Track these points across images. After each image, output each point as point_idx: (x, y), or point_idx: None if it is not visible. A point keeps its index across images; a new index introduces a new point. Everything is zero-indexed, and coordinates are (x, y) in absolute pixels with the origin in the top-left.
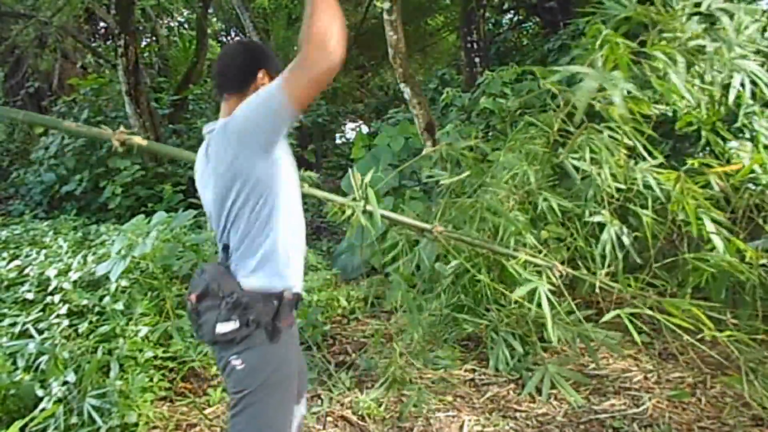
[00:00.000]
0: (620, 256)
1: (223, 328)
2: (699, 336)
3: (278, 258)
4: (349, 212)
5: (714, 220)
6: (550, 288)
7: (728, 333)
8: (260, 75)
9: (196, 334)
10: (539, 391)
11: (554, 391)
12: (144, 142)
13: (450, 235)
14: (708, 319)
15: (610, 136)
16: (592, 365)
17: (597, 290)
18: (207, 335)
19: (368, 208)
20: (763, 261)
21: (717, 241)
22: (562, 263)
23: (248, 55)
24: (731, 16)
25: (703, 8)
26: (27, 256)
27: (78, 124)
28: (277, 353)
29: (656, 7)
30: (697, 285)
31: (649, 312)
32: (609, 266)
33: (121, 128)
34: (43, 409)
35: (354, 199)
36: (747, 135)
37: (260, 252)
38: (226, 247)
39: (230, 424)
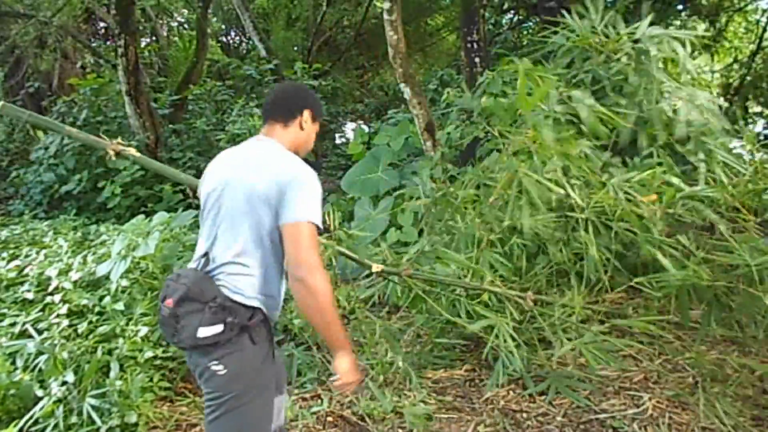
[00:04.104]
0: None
1: (206, 332)
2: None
3: (267, 290)
4: (321, 249)
5: (651, 239)
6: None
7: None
8: (306, 114)
9: (171, 339)
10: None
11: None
12: (137, 154)
13: (419, 276)
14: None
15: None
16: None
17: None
18: (187, 340)
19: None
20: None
21: (663, 260)
22: (539, 287)
23: (302, 95)
24: (659, 45)
25: (638, 35)
26: (27, 256)
27: (78, 131)
28: (259, 355)
29: (598, 35)
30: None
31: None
32: (604, 275)
33: (119, 139)
34: (42, 408)
35: (329, 238)
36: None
37: (253, 279)
38: (206, 256)
39: (208, 429)
